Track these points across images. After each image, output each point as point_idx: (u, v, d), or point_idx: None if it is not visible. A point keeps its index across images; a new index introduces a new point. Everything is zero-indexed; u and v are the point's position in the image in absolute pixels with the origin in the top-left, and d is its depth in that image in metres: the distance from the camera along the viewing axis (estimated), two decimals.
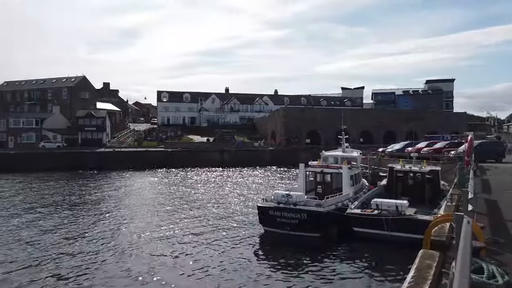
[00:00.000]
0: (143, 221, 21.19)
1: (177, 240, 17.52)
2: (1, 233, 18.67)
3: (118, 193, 31.31)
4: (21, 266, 14.13)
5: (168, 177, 41.46)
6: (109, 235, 18.43)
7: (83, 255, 15.41)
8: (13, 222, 20.92)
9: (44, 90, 75.58)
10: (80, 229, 19.48)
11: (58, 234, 18.43)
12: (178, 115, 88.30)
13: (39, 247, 16.44)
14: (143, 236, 18.24)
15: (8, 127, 65.43)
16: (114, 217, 22.19)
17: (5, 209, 24.81)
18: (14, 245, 16.82)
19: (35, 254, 15.44)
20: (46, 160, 49.22)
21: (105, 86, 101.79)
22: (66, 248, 16.24)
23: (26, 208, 24.87)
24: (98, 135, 65.91)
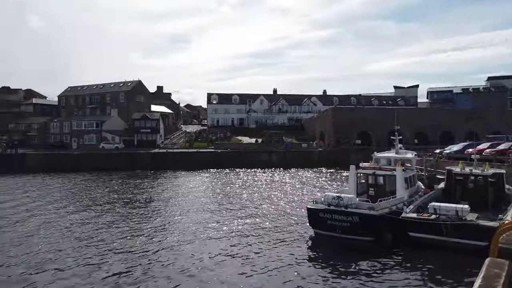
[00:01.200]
0: (193, 219, 21.85)
1: (226, 238, 17.86)
2: (64, 228, 20.16)
3: (171, 192, 32.54)
4: (78, 259, 15.17)
5: (218, 177, 42.38)
6: (162, 232, 19.22)
7: (136, 250, 16.22)
8: (76, 218, 22.52)
9: (104, 95, 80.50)
10: (135, 225, 20.51)
11: (116, 230, 19.52)
12: (227, 117, 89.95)
13: (97, 241, 17.54)
14: (193, 233, 18.82)
15: (72, 129, 70.50)
16: (166, 215, 23.11)
17: (69, 205, 26.77)
18: (74, 239, 18.08)
19: (93, 248, 16.50)
20: (106, 160, 52.40)
21: (159, 90, 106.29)
22: (122, 243, 17.16)
23: (88, 205, 26.65)
24: (153, 136, 68.91)
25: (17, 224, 21.18)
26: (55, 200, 28.98)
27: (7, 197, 30.45)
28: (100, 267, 14.26)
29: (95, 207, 25.96)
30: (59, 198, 29.91)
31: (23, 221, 21.75)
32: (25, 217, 22.93)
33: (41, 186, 36.92)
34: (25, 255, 15.58)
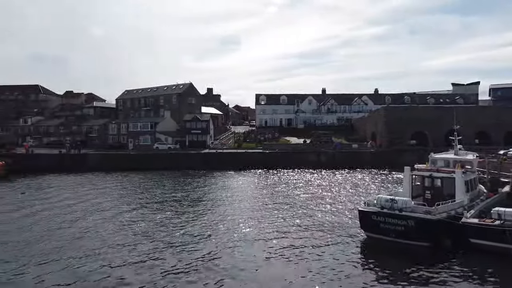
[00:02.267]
0: (243, 219, 22.11)
1: (276, 239, 17.89)
2: (120, 223, 21.30)
3: (221, 191, 33.20)
4: (133, 254, 15.94)
5: (266, 178, 42.56)
6: (213, 230, 19.68)
7: (188, 247, 16.74)
8: (132, 214, 23.72)
9: (157, 97, 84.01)
10: (188, 223, 21.16)
11: (168, 227, 20.29)
12: (275, 117, 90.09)
13: (151, 237, 18.33)
14: (243, 232, 19.07)
15: (129, 131, 74.32)
16: (217, 214, 23.61)
17: (126, 202, 28.25)
18: (130, 235, 19.02)
19: (147, 244, 17.25)
20: (159, 160, 54.69)
21: (209, 91, 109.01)
22: (175, 240, 17.78)
23: (143, 202, 27.96)
24: (203, 137, 70.76)
25: (78, 219, 22.76)
26: (113, 197, 30.76)
27: (71, 193, 32.82)
28: (153, 262, 14.89)
29: (150, 204, 27.17)
30: (116, 195, 31.71)
31: (84, 216, 23.35)
32: (86, 212, 24.59)
33: (100, 184, 39.34)
34: (85, 248, 16.69)
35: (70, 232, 19.52)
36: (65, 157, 56.48)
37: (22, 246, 17.19)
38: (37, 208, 26.08)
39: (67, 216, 23.45)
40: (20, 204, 27.87)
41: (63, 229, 20.23)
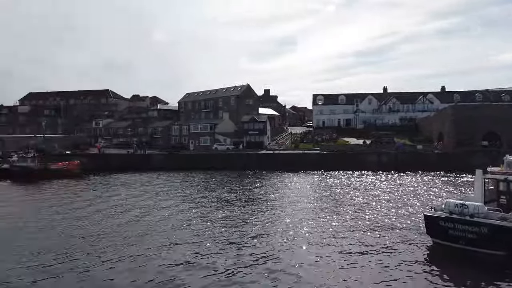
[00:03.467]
0: (300, 220, 21.87)
1: (336, 243, 17.42)
2: (180, 221, 22.11)
3: (278, 192, 33.20)
4: (188, 252, 16.42)
5: (323, 179, 41.81)
6: (270, 230, 19.68)
7: (245, 246, 16.90)
8: (192, 212, 24.52)
9: (216, 99, 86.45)
10: (245, 223, 21.39)
11: (226, 227, 20.66)
12: (333, 118, 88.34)
13: (209, 236, 18.78)
14: (300, 234, 18.85)
15: (189, 132, 77.34)
16: (274, 214, 23.60)
17: (186, 200, 29.32)
18: (189, 232, 19.66)
19: (204, 243, 17.71)
20: (218, 160, 56.21)
21: (266, 93, 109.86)
22: (232, 239, 18.06)
23: (202, 201, 28.81)
24: (260, 138, 71.45)
25: (143, 215, 24.02)
26: (174, 195, 32.12)
27: (137, 191, 34.84)
28: (211, 260, 15.25)
29: (208, 203, 27.95)
30: (178, 193, 33.07)
31: (148, 213, 24.62)
32: (150, 209, 25.92)
33: (163, 182, 41.32)
34: (148, 244, 17.57)
35: (135, 228, 20.65)
36: (132, 157, 60.22)
37: (92, 239, 18.56)
38: (106, 205, 27.99)
39: (132, 212, 24.90)
40: (92, 200, 30.17)
41: (129, 225, 21.47)
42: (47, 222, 22.36)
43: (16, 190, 38.15)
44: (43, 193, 34.94)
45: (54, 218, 23.43)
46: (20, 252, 16.55)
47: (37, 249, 16.92)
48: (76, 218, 23.30)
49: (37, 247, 17.21)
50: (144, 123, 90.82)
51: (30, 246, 17.32)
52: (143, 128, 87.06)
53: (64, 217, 23.79)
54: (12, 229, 20.87)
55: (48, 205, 28.01)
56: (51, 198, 31.79)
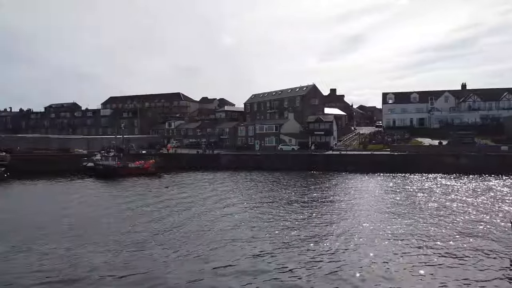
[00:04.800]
0: (369, 223, 20.96)
1: (411, 251, 16.36)
2: (243, 218, 22.36)
3: (345, 193, 32.23)
4: (246, 252, 16.43)
5: (394, 181, 39.68)
6: (336, 231, 19.12)
7: (307, 248, 16.54)
8: (254, 211, 24.71)
9: (282, 100, 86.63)
10: (310, 223, 21.02)
11: (290, 227, 20.47)
12: (405, 117, 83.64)
13: (271, 235, 18.72)
14: (370, 237, 18.02)
15: (255, 133, 78.37)
16: (340, 216, 22.90)
17: (250, 199, 29.66)
18: (253, 231, 19.76)
19: (265, 242, 17.65)
20: (284, 160, 56.19)
21: (332, 92, 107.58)
22: (296, 239, 17.81)
23: (266, 201, 28.95)
24: (326, 138, 70.08)
25: (209, 211, 24.79)
26: (240, 194, 32.71)
27: (205, 189, 36.09)
28: (272, 259, 15.17)
29: (272, 203, 28.00)
30: (244, 192, 33.61)
31: (213, 209, 25.39)
32: (216, 206, 26.69)
33: (230, 181, 42.35)
34: (209, 240, 18.01)
35: (200, 224, 21.36)
36: (201, 157, 62.66)
37: (160, 232, 19.62)
38: (175, 201, 29.38)
39: (200, 209, 25.89)
40: (164, 197, 31.86)
41: (194, 220, 22.26)
42: (126, 215, 24.06)
43: (101, 186, 41.65)
44: (123, 189, 37.76)
45: (133, 212, 25.16)
46: (94, 237, 17.97)
47: (116, 236, 18.26)
48: (148, 212, 24.77)
49: (116, 235, 18.57)
50: (212, 124, 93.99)
51: (107, 234, 18.76)
52: (211, 129, 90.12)
53: (139, 211, 25.46)
54: (93, 218, 22.77)
55: (127, 201, 30.17)
56: (129, 193, 34.24)
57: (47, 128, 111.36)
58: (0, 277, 13.70)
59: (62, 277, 13.68)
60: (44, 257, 15.79)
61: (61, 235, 19.37)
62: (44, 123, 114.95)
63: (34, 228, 20.76)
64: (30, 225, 21.74)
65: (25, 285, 12.98)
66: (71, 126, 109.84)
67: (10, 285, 13.00)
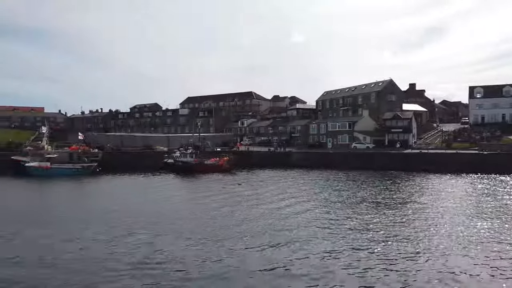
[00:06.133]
0: (455, 226, 19.33)
1: (501, 255, 14.80)
2: (316, 218, 21.94)
3: (424, 195, 30.19)
4: (319, 251, 16.00)
5: (483, 184, 36.06)
6: (419, 235, 17.94)
7: (392, 249, 15.71)
8: (325, 210, 24.18)
9: (355, 96, 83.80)
10: (389, 225, 20.01)
11: (368, 229, 19.65)
12: (496, 112, 75.51)
13: (345, 234, 18.12)
14: (458, 242, 16.62)
15: (327, 130, 76.92)
16: (422, 219, 21.50)
17: (324, 199, 29.10)
18: (322, 230, 19.31)
19: (342, 242, 17.10)
20: (358, 159, 54.35)
21: (411, 87, 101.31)
22: (374, 240, 17.04)
23: (339, 200, 28.21)
24: (404, 136, 66.28)
25: (278, 209, 24.80)
26: (311, 192, 32.38)
27: (276, 186, 36.33)
28: (345, 261, 14.68)
29: (347, 202, 27.21)
30: (315, 190, 33.23)
31: (283, 207, 25.25)
32: (286, 204, 26.59)
33: (301, 179, 42.12)
34: (281, 238, 17.99)
35: (269, 222, 21.50)
36: (273, 155, 63.24)
37: (232, 226, 20.21)
38: (248, 198, 29.97)
39: (269, 206, 26.01)
40: (237, 193, 32.69)
41: (264, 218, 22.43)
42: (201, 210, 25.18)
43: (180, 181, 44.21)
44: (200, 184, 39.67)
45: (207, 207, 26.26)
46: (171, 228, 19.01)
47: (192, 228, 19.19)
48: (223, 208, 25.62)
49: (191, 227, 19.51)
50: (283, 122, 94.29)
51: (183, 226, 19.79)
52: (283, 127, 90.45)
53: (214, 206, 26.46)
54: (172, 211, 24.18)
55: (204, 195, 31.60)
56: (206, 189, 35.81)
57: (132, 127, 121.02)
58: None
59: (152, 265, 14.68)
60: (133, 244, 17.08)
61: (153, 225, 20.83)
62: (130, 122, 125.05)
63: (127, 217, 22.67)
64: (127, 215, 23.78)
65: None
66: (153, 125, 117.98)
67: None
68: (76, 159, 52.28)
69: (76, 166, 50.49)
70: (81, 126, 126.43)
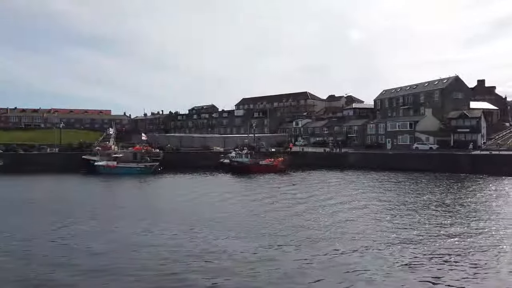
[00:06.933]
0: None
1: None
2: (375, 222, 21.06)
3: (499, 200, 27.82)
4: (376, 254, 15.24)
5: None
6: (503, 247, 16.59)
7: (451, 254, 14.68)
8: (387, 214, 23.14)
9: (417, 94, 79.51)
10: (455, 231, 18.73)
11: (440, 235, 18.53)
12: None
13: (405, 239, 17.19)
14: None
15: (386, 130, 73.89)
16: (501, 228, 19.81)
17: (382, 202, 27.92)
18: (388, 236, 18.46)
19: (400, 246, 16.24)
20: (420, 161, 51.57)
21: (480, 84, 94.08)
22: (434, 244, 16.01)
23: (400, 205, 26.88)
24: (472, 136, 61.71)
25: (336, 212, 24.16)
26: (369, 194, 31.21)
27: (332, 188, 35.56)
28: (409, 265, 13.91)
29: (411, 206, 25.87)
30: (372, 193, 32.01)
31: (341, 210, 24.61)
32: (343, 206, 25.97)
33: (358, 181, 40.94)
34: (343, 240, 17.48)
35: (326, 224, 21.02)
36: (328, 155, 62.09)
37: (289, 226, 20.00)
38: (303, 199, 29.64)
39: (325, 209, 25.31)
40: (289, 195, 32.41)
41: (318, 221, 21.93)
42: (263, 210, 25.37)
43: (236, 181, 45.01)
44: (256, 184, 40.07)
45: (265, 208, 26.42)
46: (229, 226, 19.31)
47: (251, 226, 19.40)
48: (279, 208, 25.58)
49: (252, 226, 19.72)
50: (339, 122, 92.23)
51: (241, 224, 20.07)
52: (339, 127, 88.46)
53: (270, 207, 26.55)
54: (231, 212, 24.58)
55: (260, 197, 31.82)
56: (261, 190, 36.07)
57: (190, 128, 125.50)
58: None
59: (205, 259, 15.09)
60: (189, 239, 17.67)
61: (211, 222, 21.46)
62: (188, 123, 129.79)
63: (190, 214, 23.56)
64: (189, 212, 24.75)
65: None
66: (210, 126, 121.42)
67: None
68: (139, 158, 55.28)
69: (139, 166, 53.38)
70: (144, 127, 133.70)
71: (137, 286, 12.67)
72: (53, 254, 15.94)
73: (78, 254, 15.89)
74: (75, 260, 15.08)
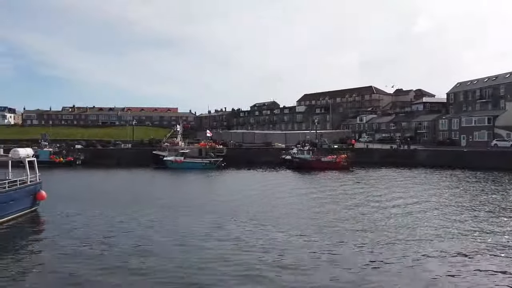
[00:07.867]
0: None
1: None
2: (443, 226, 19.59)
3: None
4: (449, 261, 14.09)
5: None
6: None
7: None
8: (456, 217, 21.45)
9: (496, 87, 72.66)
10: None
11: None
12: None
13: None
14: None
15: (460, 126, 68.59)
16: None
17: (455, 203, 25.96)
18: (454, 240, 17.10)
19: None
20: (500, 159, 47.27)
21: None
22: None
23: (477, 207, 24.82)
24: None
25: (400, 214, 22.90)
26: (437, 195, 29.15)
27: (398, 187, 33.80)
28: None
29: (483, 209, 23.79)
30: (443, 193, 29.90)
31: (409, 212, 23.20)
32: (407, 206, 24.47)
33: (428, 180, 38.44)
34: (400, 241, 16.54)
35: (390, 224, 20.13)
36: (395, 153, 59.23)
37: (350, 226, 19.36)
38: (367, 198, 28.51)
39: (390, 210, 23.99)
40: (354, 192, 31.41)
41: (386, 221, 21.02)
42: (319, 206, 25.00)
43: (299, 177, 44.79)
44: (319, 181, 39.56)
45: (329, 207, 25.99)
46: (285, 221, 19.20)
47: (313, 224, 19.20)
48: (343, 206, 24.96)
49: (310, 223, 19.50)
50: (407, 117, 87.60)
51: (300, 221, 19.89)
52: (407, 123, 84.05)
53: (335, 205, 26.00)
54: (292, 209, 24.51)
55: (328, 193, 31.31)
56: (322, 187, 35.49)
57: (252, 124, 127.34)
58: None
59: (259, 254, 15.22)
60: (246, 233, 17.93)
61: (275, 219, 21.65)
62: (250, 120, 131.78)
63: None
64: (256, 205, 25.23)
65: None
66: (271, 122, 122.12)
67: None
68: (204, 154, 57.41)
69: (204, 161, 55.38)
70: (208, 124, 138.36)
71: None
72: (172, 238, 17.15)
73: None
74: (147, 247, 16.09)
